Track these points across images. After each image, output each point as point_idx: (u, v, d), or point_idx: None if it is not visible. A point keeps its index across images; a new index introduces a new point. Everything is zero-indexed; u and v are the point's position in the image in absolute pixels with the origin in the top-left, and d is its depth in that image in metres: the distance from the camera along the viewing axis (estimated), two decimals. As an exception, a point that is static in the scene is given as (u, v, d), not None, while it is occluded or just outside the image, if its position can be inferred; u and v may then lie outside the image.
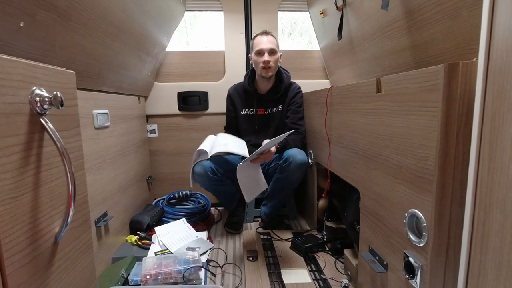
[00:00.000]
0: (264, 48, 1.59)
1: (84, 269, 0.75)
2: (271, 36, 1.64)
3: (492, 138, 0.49)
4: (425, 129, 0.67)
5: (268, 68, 1.61)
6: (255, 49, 1.62)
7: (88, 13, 0.96)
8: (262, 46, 1.60)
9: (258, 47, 1.61)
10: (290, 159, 1.48)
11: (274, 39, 1.64)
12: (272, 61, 1.61)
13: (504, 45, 0.47)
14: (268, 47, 1.59)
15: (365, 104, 0.95)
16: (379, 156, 0.87)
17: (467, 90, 0.60)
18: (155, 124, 2.06)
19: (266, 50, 1.59)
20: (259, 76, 1.68)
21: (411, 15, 1.02)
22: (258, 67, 1.64)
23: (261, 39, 1.62)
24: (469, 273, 0.56)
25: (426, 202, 0.67)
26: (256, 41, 1.63)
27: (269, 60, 1.59)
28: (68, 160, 0.59)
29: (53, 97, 0.57)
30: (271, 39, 1.62)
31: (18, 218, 0.52)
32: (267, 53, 1.59)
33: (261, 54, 1.61)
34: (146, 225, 1.52)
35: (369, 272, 0.97)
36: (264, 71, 1.62)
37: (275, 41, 1.64)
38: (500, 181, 0.48)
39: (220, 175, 1.58)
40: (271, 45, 1.61)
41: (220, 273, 1.26)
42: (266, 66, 1.60)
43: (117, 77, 1.43)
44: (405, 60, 1.16)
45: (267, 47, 1.59)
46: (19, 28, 0.72)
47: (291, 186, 1.59)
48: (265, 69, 1.61)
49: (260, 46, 1.60)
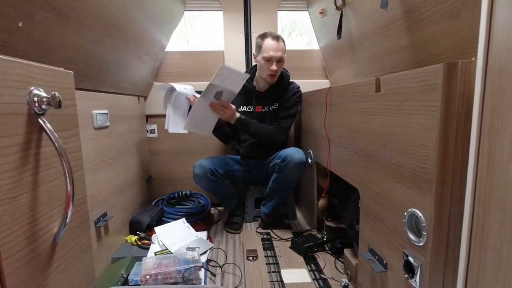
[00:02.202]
0: (275, 57, 1.55)
1: (83, 269, 0.74)
2: (282, 43, 1.58)
3: (491, 137, 0.49)
4: (424, 128, 0.67)
5: (274, 76, 1.62)
6: (264, 54, 1.56)
7: (87, 13, 0.96)
8: (272, 54, 1.55)
9: (268, 54, 1.55)
10: (288, 158, 1.48)
11: (284, 45, 1.60)
12: (279, 70, 1.61)
13: (503, 44, 0.46)
14: (278, 55, 1.55)
15: (364, 104, 0.95)
16: (379, 156, 0.87)
17: (466, 89, 0.60)
18: (154, 124, 2.06)
19: (276, 59, 1.55)
20: (260, 77, 1.67)
21: (410, 14, 1.02)
22: (263, 71, 1.62)
23: (272, 45, 1.55)
24: (468, 272, 0.56)
25: (425, 201, 0.67)
26: (266, 45, 1.56)
27: (276, 70, 1.58)
28: (67, 160, 0.59)
29: (51, 97, 0.57)
30: (282, 47, 1.57)
31: (17, 218, 0.52)
32: (276, 61, 1.56)
33: (270, 61, 1.57)
34: (146, 225, 1.52)
35: (369, 272, 0.97)
36: (270, 78, 1.62)
37: (285, 47, 1.60)
38: (499, 180, 0.48)
39: (219, 176, 1.58)
40: (282, 53, 1.57)
41: (220, 273, 1.26)
42: (273, 74, 1.60)
43: (116, 77, 1.43)
44: (405, 59, 1.16)
45: (278, 56, 1.55)
46: (17, 28, 0.72)
47: (290, 185, 1.59)
48: (271, 76, 1.61)
49: (270, 53, 1.55)
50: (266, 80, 1.63)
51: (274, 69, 1.57)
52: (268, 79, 1.62)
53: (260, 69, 1.65)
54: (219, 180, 1.59)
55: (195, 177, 1.58)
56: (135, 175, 1.71)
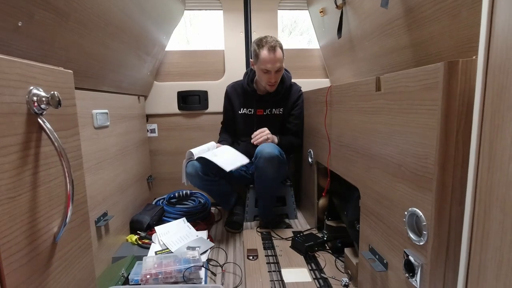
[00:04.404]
0: (272, 69, 1.52)
1: (83, 269, 0.74)
2: (280, 51, 1.52)
3: (492, 137, 0.49)
4: (424, 127, 0.66)
5: (274, 85, 1.61)
6: (261, 66, 1.53)
7: (86, 13, 0.96)
8: (269, 67, 1.51)
9: (264, 66, 1.52)
10: (258, 154, 1.47)
11: (282, 53, 1.53)
12: (278, 78, 1.59)
13: (504, 42, 0.46)
14: (276, 67, 1.52)
15: (364, 103, 0.95)
16: (379, 155, 0.87)
17: (467, 88, 0.60)
18: (155, 124, 2.06)
19: (274, 70, 1.53)
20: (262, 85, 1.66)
21: (411, 13, 1.02)
22: (262, 81, 1.61)
23: (268, 57, 1.49)
24: (469, 272, 0.55)
25: (426, 200, 0.67)
26: (263, 58, 1.50)
27: (276, 81, 1.58)
28: (66, 160, 0.59)
29: (50, 96, 0.57)
30: (279, 56, 1.51)
31: (16, 218, 0.52)
32: (274, 72, 1.54)
33: (267, 73, 1.55)
34: (146, 225, 1.52)
35: (369, 271, 0.97)
36: (269, 87, 1.62)
37: (282, 54, 1.53)
38: (500, 179, 0.48)
39: (212, 175, 1.55)
40: (279, 63, 1.52)
41: (220, 273, 1.26)
42: (271, 84, 1.59)
43: (116, 76, 1.43)
44: (405, 58, 1.15)
45: (275, 67, 1.52)
46: (17, 28, 0.72)
47: (269, 182, 1.54)
48: (270, 86, 1.60)
49: (268, 66, 1.51)
50: (266, 88, 1.64)
51: (273, 81, 1.57)
52: (267, 88, 1.63)
53: (259, 77, 1.64)
54: (213, 179, 1.56)
55: (188, 176, 1.55)
56: (136, 174, 1.71)
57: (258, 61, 1.55)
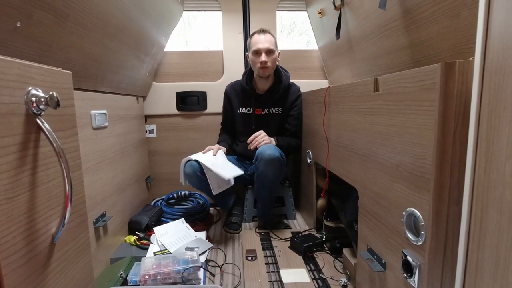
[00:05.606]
0: (262, 48, 1.56)
1: (82, 269, 0.74)
2: (269, 35, 1.59)
3: (489, 137, 0.49)
4: (422, 128, 0.67)
5: (266, 68, 1.59)
6: (252, 48, 1.59)
7: (85, 13, 0.96)
8: (259, 46, 1.56)
9: (255, 47, 1.57)
10: (259, 156, 1.47)
11: (272, 38, 1.60)
12: (270, 61, 1.58)
13: (500, 43, 0.47)
14: (265, 46, 1.56)
15: (363, 104, 0.95)
16: (377, 155, 0.87)
17: (463, 89, 0.60)
18: (153, 124, 2.06)
19: (263, 50, 1.56)
20: (257, 75, 1.67)
21: (408, 14, 1.02)
22: (255, 66, 1.62)
23: (258, 38, 1.57)
24: (466, 271, 0.56)
25: (423, 201, 0.67)
26: (253, 40, 1.59)
27: (266, 61, 1.56)
28: (65, 160, 0.59)
29: (49, 97, 0.57)
30: (269, 38, 1.58)
31: (15, 218, 0.52)
32: (264, 53, 1.56)
33: (258, 54, 1.58)
34: (145, 225, 1.52)
35: (368, 271, 0.97)
36: (261, 71, 1.60)
37: (273, 39, 1.60)
38: (497, 180, 0.48)
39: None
40: (269, 44, 1.56)
41: (219, 273, 1.26)
42: (263, 66, 1.58)
43: (115, 77, 1.43)
44: (403, 59, 1.16)
45: (265, 47, 1.56)
46: (15, 28, 0.72)
47: (270, 183, 1.55)
48: (262, 69, 1.60)
49: (257, 45, 1.56)
50: (259, 74, 1.63)
51: (263, 60, 1.56)
52: (260, 72, 1.61)
53: (252, 66, 1.65)
54: None
55: (186, 176, 1.56)
56: (134, 175, 1.71)
57: (250, 46, 1.61)
